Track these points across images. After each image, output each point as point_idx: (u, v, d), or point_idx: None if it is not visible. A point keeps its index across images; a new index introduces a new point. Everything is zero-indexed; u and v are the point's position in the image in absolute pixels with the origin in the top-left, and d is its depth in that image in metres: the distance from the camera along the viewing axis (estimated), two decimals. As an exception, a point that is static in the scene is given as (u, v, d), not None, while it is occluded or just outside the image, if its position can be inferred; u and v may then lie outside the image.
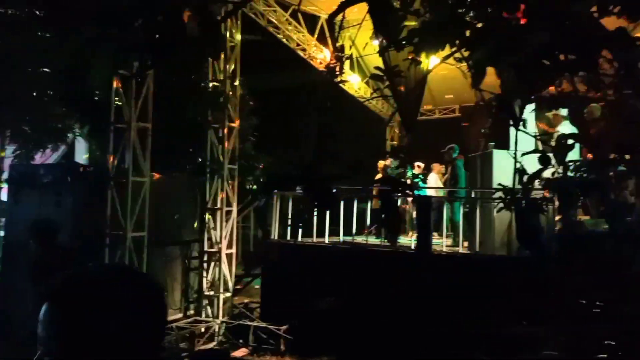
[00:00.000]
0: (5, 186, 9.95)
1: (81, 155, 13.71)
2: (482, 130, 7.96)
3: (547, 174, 2.71)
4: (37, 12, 6.53)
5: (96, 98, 8.24)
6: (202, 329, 7.61)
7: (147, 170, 6.91)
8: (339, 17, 3.06)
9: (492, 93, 2.45)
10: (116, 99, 6.88)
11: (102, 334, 0.99)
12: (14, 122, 9.86)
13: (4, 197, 10.00)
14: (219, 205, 8.30)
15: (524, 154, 2.67)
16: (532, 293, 6.19)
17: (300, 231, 8.69)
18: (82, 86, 7.78)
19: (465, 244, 7.91)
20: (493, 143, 7.59)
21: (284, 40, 11.41)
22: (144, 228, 6.83)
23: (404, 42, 2.56)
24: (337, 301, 7.17)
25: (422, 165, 9.74)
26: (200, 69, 8.11)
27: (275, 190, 7.69)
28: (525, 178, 2.51)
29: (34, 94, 9.11)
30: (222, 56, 8.23)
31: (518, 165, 2.54)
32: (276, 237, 8.92)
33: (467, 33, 2.16)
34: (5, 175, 10.17)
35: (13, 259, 6.96)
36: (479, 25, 2.20)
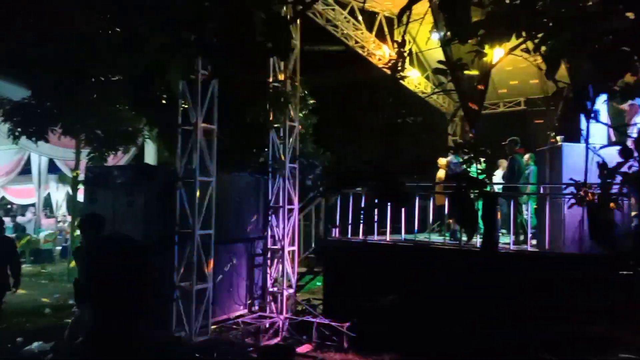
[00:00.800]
0: (82, 187, 10.58)
1: (150, 156, 14.34)
2: (555, 123, 7.65)
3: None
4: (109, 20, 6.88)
5: (164, 102, 8.58)
6: (267, 325, 7.76)
7: (213, 170, 7.12)
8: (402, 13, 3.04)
9: (566, 83, 2.35)
10: (182, 102, 7.14)
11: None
12: (89, 127, 10.46)
13: (81, 198, 10.62)
14: (280, 203, 8.45)
15: (602, 147, 2.55)
16: (607, 292, 5.90)
17: (361, 229, 8.70)
18: (151, 91, 8.14)
19: (534, 241, 7.64)
20: (562, 136, 7.29)
21: (343, 38, 11.43)
22: (211, 226, 7.05)
23: (469, 35, 2.51)
24: (400, 299, 7.13)
25: (484, 160, 9.46)
26: (262, 70, 8.27)
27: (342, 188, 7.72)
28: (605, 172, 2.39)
29: (107, 100, 9.61)
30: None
31: (597, 159, 2.43)
32: (338, 235, 8.97)
33: (538, 23, 2.09)
34: (81, 177, 10.81)
35: (95, 253, 7.37)
36: (550, 14, 2.13)
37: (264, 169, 8.65)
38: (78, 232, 9.78)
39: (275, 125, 8.55)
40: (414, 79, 12.98)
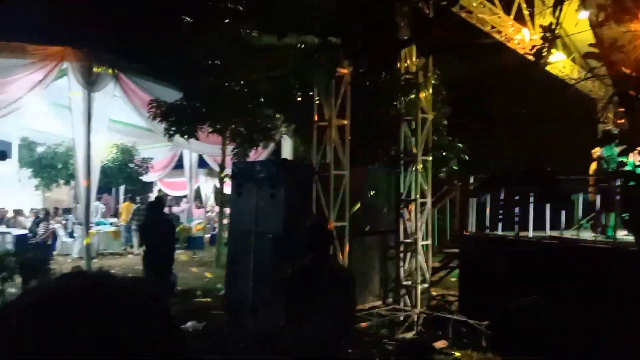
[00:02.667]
0: (227, 180, 11.46)
1: (287, 151, 15.05)
2: None
3: None
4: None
5: (299, 99, 8.97)
6: (401, 318, 7.78)
7: (346, 163, 7.29)
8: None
9: None
10: (317, 98, 7.41)
11: None
12: (233, 125, 11.29)
13: (227, 190, 11.50)
14: (413, 197, 8.38)
15: None
16: None
17: (500, 224, 8.31)
18: (288, 90, 8.55)
19: None
20: None
21: (478, 24, 10.94)
22: (345, 218, 7.23)
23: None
24: (543, 300, 6.69)
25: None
26: (395, 64, 8.26)
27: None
28: None
29: (249, 100, 10.29)
30: (414, 48, 8.26)
31: None
32: (475, 230, 8.68)
33: None
34: (228, 171, 11.68)
35: (237, 243, 7.97)
36: None
37: (396, 162, 8.64)
38: (225, 221, 10.61)
39: (407, 118, 8.48)
40: (559, 63, 12.01)
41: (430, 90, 8.59)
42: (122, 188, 20.71)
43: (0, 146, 17.50)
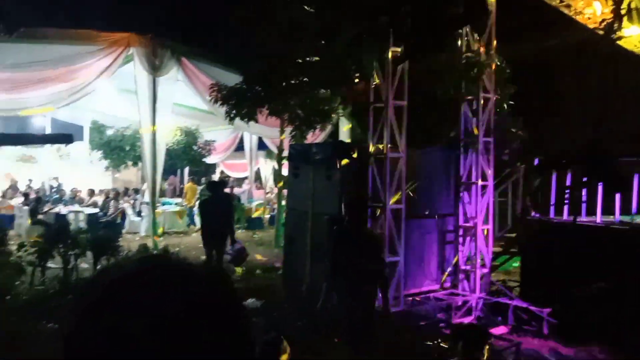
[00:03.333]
0: (285, 162, 11.60)
1: (344, 133, 15.03)
2: None
3: None
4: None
5: (356, 81, 8.89)
6: (459, 302, 7.66)
7: (403, 146, 7.19)
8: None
9: None
10: (374, 80, 7.31)
11: None
12: (291, 108, 11.37)
13: (285, 172, 11.65)
14: (473, 179, 8.16)
15: None
16: None
17: (566, 208, 7.96)
18: (344, 71, 8.48)
19: None
20: None
21: (545, -2, 10.38)
22: (402, 201, 7.16)
23: None
24: (611, 287, 6.39)
25: None
26: (454, 43, 8.00)
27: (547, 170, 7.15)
28: None
29: (306, 82, 10.31)
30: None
31: None
32: (538, 215, 8.36)
33: None
34: (285, 153, 11.83)
35: (295, 224, 8.09)
36: None
37: (456, 143, 8.42)
38: (283, 202, 10.78)
39: (468, 98, 8.23)
40: (634, 37, 11.21)
41: (493, 69, 8.28)
42: (186, 169, 21.47)
43: (72, 129, 18.55)
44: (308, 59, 9.55)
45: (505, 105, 9.10)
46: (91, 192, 17.22)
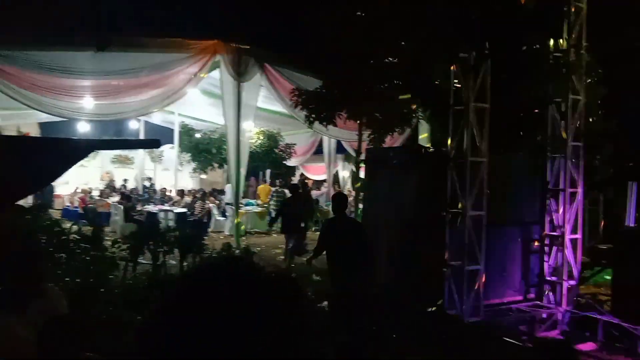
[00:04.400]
0: (363, 166, 11.61)
1: (423, 137, 14.79)
2: None
3: None
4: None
5: (436, 82, 8.72)
6: (544, 315, 7.28)
7: (485, 150, 6.96)
8: None
9: None
10: (455, 81, 7.13)
11: None
12: (369, 111, 11.37)
13: (363, 175, 11.66)
14: (561, 186, 7.73)
15: None
16: None
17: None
18: (424, 73, 8.36)
19: None
20: None
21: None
22: (483, 207, 6.93)
23: None
24: None
25: None
26: (540, 42, 7.63)
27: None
28: None
29: (385, 85, 10.27)
30: (565, 24, 7.56)
31: None
32: (634, 224, 7.77)
33: None
34: (363, 157, 11.82)
35: (370, 227, 8.07)
36: None
37: (542, 148, 8.01)
38: (360, 205, 10.82)
39: (556, 100, 7.80)
40: None
41: (584, 68, 7.80)
42: (267, 172, 22.08)
43: (164, 132, 19.68)
44: (387, 59, 9.51)
45: (598, 108, 8.55)
46: (180, 193, 18.16)
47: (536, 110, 7.96)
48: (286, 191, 15.70)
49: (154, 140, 14.02)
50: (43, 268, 4.51)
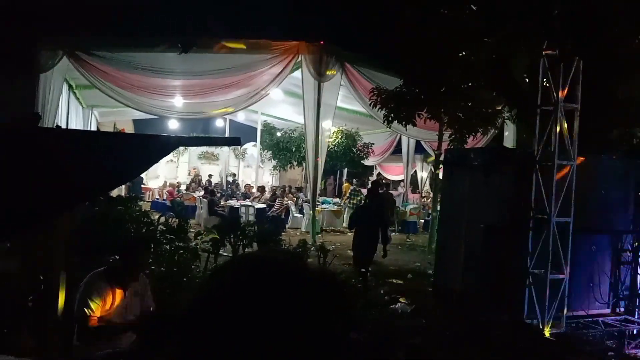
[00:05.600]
0: (441, 167, 11.37)
1: (509, 138, 14.23)
2: None
3: None
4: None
5: (519, 80, 8.36)
6: (634, 331, 6.79)
7: (573, 153, 6.59)
8: None
9: None
10: (544, 80, 6.80)
11: None
12: (451, 110, 11.11)
13: (441, 176, 11.41)
14: (660, 193, 7.15)
15: None
16: None
17: None
18: (509, 72, 8.05)
19: None
20: None
21: None
22: (570, 214, 6.56)
23: None
24: None
25: None
26: (635, 36, 7.10)
27: None
28: None
29: (468, 83, 9.99)
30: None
31: None
32: None
33: None
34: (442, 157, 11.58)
35: (448, 229, 7.91)
36: None
37: (638, 151, 7.46)
38: (439, 207, 10.61)
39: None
40: None
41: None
42: (345, 170, 22.20)
43: (247, 131, 20.36)
44: (472, 57, 9.24)
45: None
46: (261, 189, 18.72)
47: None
48: (364, 190, 15.70)
49: (235, 138, 14.54)
50: (148, 258, 4.86)
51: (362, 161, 19.57)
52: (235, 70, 13.17)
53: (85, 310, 3.70)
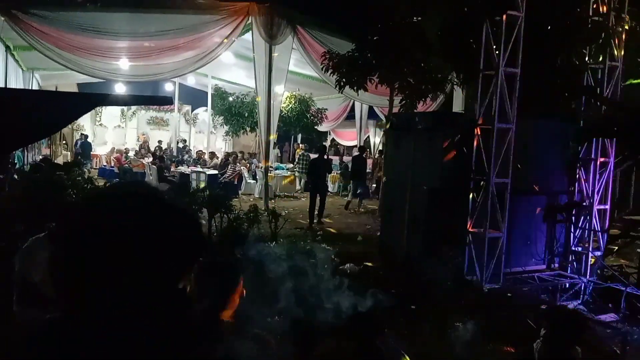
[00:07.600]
0: (385, 130, 11.53)
1: (458, 104, 14.51)
2: None
3: None
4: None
5: (474, 46, 8.48)
6: (566, 285, 7.22)
7: (513, 116, 6.81)
8: None
9: None
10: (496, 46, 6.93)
11: None
12: (401, 76, 11.19)
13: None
14: (592, 156, 7.52)
15: None
16: None
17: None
18: (458, 37, 8.15)
19: None
20: None
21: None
22: (508, 175, 6.83)
23: None
24: None
25: None
26: (578, 6, 7.32)
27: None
28: None
29: (418, 48, 10.06)
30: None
31: None
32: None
33: None
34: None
35: (393, 193, 8.09)
36: None
37: (575, 116, 7.78)
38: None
39: (592, 66, 7.52)
40: None
41: (624, 34, 7.46)
42: (299, 136, 22.16)
43: (199, 95, 19.93)
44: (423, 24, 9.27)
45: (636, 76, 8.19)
46: (211, 155, 18.47)
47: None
48: (311, 155, 15.85)
49: (165, 97, 14.22)
50: None
51: (315, 127, 19.57)
52: (183, 32, 12.78)
53: (25, 274, 3.63)
